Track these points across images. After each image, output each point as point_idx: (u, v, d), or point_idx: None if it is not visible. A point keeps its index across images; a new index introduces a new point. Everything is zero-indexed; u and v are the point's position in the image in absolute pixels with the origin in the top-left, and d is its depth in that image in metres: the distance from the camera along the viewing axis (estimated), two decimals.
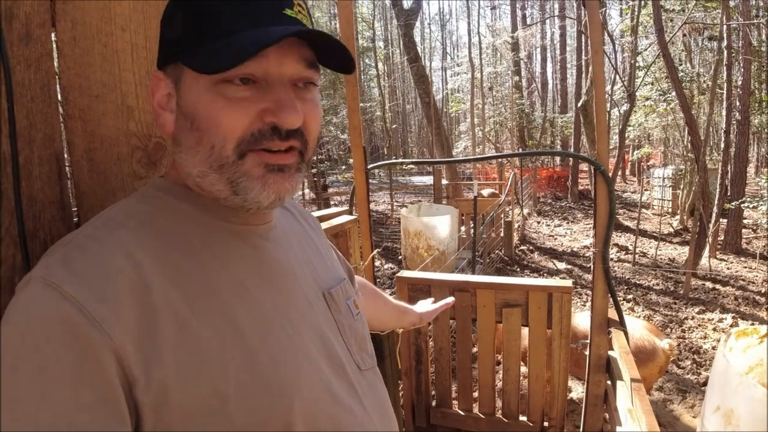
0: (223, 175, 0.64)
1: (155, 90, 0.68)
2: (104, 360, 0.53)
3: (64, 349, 0.52)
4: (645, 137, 22.22)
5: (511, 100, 20.05)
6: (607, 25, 11.38)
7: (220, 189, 0.66)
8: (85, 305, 0.53)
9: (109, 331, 0.54)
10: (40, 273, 0.56)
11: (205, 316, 0.61)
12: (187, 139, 0.65)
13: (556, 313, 2.31)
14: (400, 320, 1.40)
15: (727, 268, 8.38)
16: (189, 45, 0.63)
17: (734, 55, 9.53)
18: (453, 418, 2.66)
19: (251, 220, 0.73)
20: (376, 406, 0.81)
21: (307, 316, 0.75)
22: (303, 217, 0.94)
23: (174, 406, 0.57)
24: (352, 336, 0.83)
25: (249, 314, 0.66)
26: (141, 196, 0.70)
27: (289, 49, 0.63)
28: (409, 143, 40.38)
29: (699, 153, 8.35)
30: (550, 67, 39.28)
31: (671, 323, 5.87)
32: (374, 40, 29.47)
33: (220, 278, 0.66)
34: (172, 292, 0.60)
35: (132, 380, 0.55)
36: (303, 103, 0.66)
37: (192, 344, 0.59)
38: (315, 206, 15.96)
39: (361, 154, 2.44)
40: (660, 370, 3.45)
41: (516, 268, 8.52)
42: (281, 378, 0.65)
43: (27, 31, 0.71)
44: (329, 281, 0.85)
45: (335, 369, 0.75)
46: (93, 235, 0.61)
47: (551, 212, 15.15)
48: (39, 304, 0.54)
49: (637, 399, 1.73)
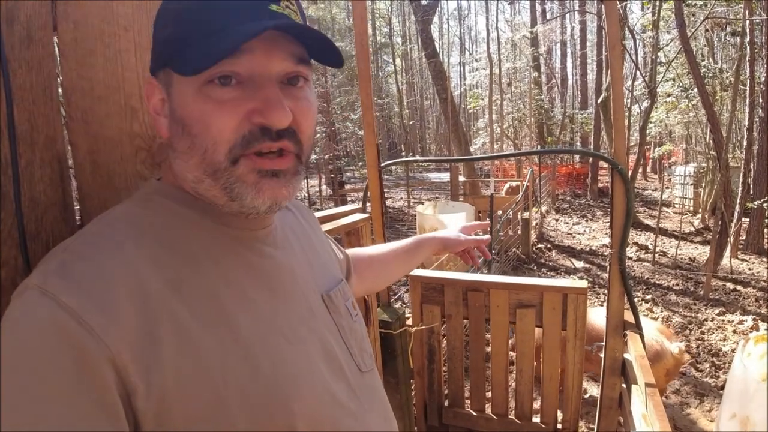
0: (217, 181, 0.63)
1: (150, 96, 0.68)
2: (102, 370, 0.52)
3: (62, 359, 0.51)
4: (666, 134, 21.87)
5: (530, 96, 19.86)
6: (627, 20, 11.21)
7: (216, 195, 0.65)
8: (82, 315, 0.53)
9: (108, 341, 0.53)
10: (36, 281, 0.55)
11: (205, 322, 0.61)
12: (181, 145, 0.64)
13: (571, 315, 2.28)
14: (412, 261, 1.30)
15: (748, 269, 8.23)
16: (175, 49, 0.61)
17: (757, 51, 9.33)
18: (465, 418, 2.65)
19: (251, 224, 0.72)
20: (377, 409, 0.81)
21: (307, 320, 0.74)
22: (301, 213, 0.93)
23: (175, 412, 0.56)
24: (353, 338, 0.83)
25: (249, 319, 0.65)
26: (139, 200, 0.69)
27: (275, 45, 0.61)
28: (427, 139, 40.26)
29: (721, 151, 8.19)
30: (570, 62, 38.86)
31: (690, 324, 5.77)
32: (391, 36, 29.41)
33: (220, 284, 0.65)
34: (172, 298, 0.59)
35: (131, 389, 0.54)
36: (294, 102, 0.64)
37: (192, 351, 0.58)
38: (332, 203, 16.04)
39: (374, 150, 2.42)
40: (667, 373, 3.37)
41: (533, 267, 8.46)
42: (282, 383, 0.64)
43: (28, 33, 0.71)
44: (328, 283, 0.84)
45: (336, 372, 0.74)
46: (91, 242, 0.61)
47: (570, 210, 15.02)
48: (35, 314, 0.53)
49: (651, 404, 1.70)
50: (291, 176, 0.65)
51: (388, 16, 28.20)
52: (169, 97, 0.65)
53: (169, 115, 0.65)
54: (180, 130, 0.63)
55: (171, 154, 0.68)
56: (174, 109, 0.64)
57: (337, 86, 21.97)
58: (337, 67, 0.68)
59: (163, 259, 0.62)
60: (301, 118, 0.65)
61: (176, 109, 0.63)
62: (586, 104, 27.54)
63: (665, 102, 13.14)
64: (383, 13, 28.91)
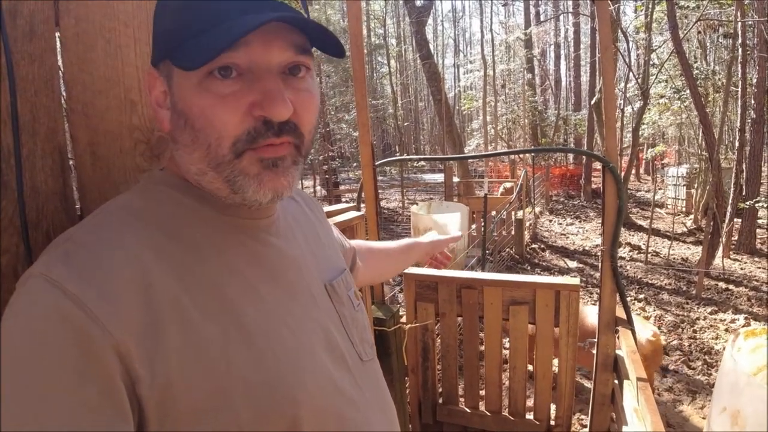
0: (220, 174, 0.63)
1: (151, 87, 0.67)
2: (107, 358, 0.52)
3: (67, 348, 0.51)
4: (659, 135, 21.99)
5: (524, 98, 19.93)
6: (620, 22, 11.27)
7: (219, 187, 0.65)
8: (86, 303, 0.53)
9: (112, 329, 0.53)
10: (40, 270, 0.55)
11: (208, 311, 0.61)
12: (183, 137, 0.64)
13: (564, 312, 2.30)
14: (409, 259, 1.39)
15: (740, 269, 8.29)
16: (175, 41, 0.61)
17: (749, 53, 9.41)
18: (459, 416, 2.66)
19: (254, 214, 0.72)
20: (377, 398, 0.82)
21: (310, 309, 0.75)
22: (307, 203, 0.94)
23: (179, 401, 0.56)
24: (354, 327, 0.83)
25: (252, 309, 0.65)
26: (142, 191, 0.69)
27: (275, 35, 0.61)
28: (421, 141, 40.29)
29: (713, 152, 8.26)
30: (564, 64, 38.98)
31: (683, 323, 5.82)
32: (386, 37, 29.43)
33: (223, 273, 0.65)
34: (175, 288, 0.59)
35: (135, 378, 0.54)
36: (295, 93, 0.63)
37: (196, 340, 0.59)
38: (326, 203, 16.02)
39: (369, 150, 2.44)
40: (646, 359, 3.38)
41: (527, 267, 8.50)
42: (284, 372, 0.65)
43: (31, 27, 0.73)
44: (331, 272, 0.85)
45: (338, 362, 0.75)
46: (94, 231, 0.61)
47: (564, 211, 15.07)
48: (40, 302, 0.53)
49: (643, 398, 1.72)
50: (290, 165, 0.65)
51: (383, 18, 28.23)
52: (170, 89, 0.64)
53: (171, 107, 0.65)
54: (182, 123, 0.63)
55: (173, 146, 0.68)
56: (176, 102, 0.64)
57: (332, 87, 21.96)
58: (339, 57, 0.67)
59: (166, 249, 0.62)
60: (302, 110, 0.64)
61: (178, 102, 0.63)
62: (580, 106, 27.64)
63: (658, 103, 13.22)
64: (378, 14, 28.93)
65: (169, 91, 0.65)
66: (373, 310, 2.41)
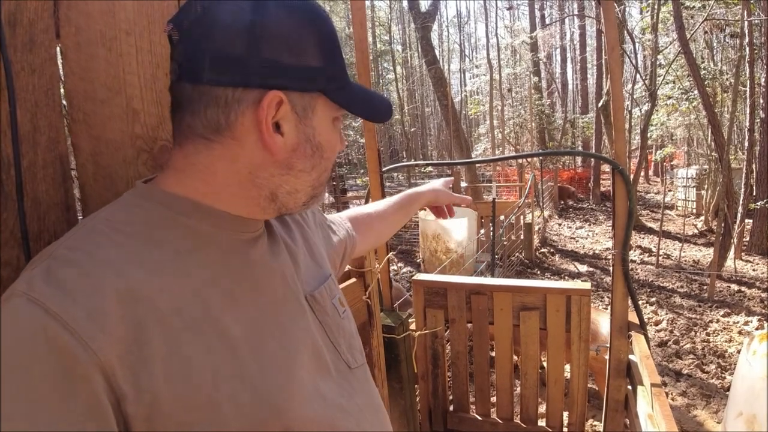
0: (315, 191, 0.75)
1: (269, 110, 0.65)
2: (91, 377, 0.52)
3: (51, 367, 0.51)
4: (668, 137, 21.86)
5: (531, 101, 19.88)
6: (626, 23, 11.24)
7: (292, 203, 0.74)
8: (69, 322, 0.52)
9: (96, 348, 0.53)
10: (22, 288, 0.55)
11: (193, 325, 0.61)
12: (303, 164, 0.70)
13: (575, 317, 2.28)
14: (408, 214, 1.40)
15: (752, 270, 8.20)
16: (331, 80, 0.68)
17: (756, 52, 9.33)
18: (470, 423, 2.64)
19: (241, 227, 0.72)
20: (368, 404, 0.82)
21: (298, 320, 0.76)
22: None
23: (167, 416, 0.57)
24: (341, 335, 0.84)
25: (238, 322, 0.66)
26: (125, 203, 0.68)
27: None
28: (428, 146, 40.26)
29: (722, 152, 8.20)
30: (570, 67, 38.93)
31: (695, 326, 5.75)
32: (391, 43, 29.47)
33: (207, 286, 0.65)
34: (160, 302, 0.59)
35: (120, 395, 0.54)
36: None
37: (181, 354, 0.59)
38: (334, 210, 16.04)
39: (375, 156, 2.43)
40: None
41: (536, 271, 8.45)
42: (272, 384, 0.65)
43: (31, 37, 0.72)
44: (313, 282, 0.85)
45: (322, 371, 0.76)
46: (77, 247, 0.60)
47: (573, 214, 15.00)
48: (23, 322, 0.52)
49: (657, 404, 1.69)
50: None
51: (388, 24, 28.24)
52: (304, 120, 0.68)
53: (302, 136, 0.69)
54: (311, 152, 0.70)
55: (276, 171, 0.69)
56: (312, 134, 0.70)
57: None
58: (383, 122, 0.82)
59: (149, 262, 0.61)
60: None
61: (316, 134, 0.70)
62: (587, 109, 27.56)
63: (666, 104, 13.15)
64: (383, 21, 28.99)
65: (300, 122, 0.68)
66: (382, 318, 2.39)
